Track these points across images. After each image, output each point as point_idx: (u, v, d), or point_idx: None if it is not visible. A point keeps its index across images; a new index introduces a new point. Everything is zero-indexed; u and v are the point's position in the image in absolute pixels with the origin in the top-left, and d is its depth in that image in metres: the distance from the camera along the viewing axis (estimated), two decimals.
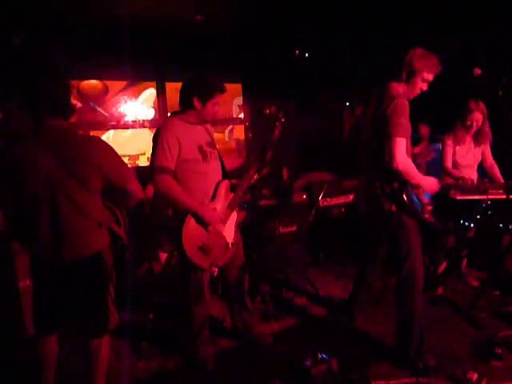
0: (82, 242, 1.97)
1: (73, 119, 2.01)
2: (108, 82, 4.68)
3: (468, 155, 3.46)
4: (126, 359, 2.70)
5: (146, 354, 2.75)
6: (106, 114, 4.69)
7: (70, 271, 1.98)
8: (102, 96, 4.64)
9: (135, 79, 4.82)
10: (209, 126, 2.59)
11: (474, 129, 3.39)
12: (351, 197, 4.33)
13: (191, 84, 2.41)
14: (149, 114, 4.94)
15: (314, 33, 4.63)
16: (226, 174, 2.58)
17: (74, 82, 4.37)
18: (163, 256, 3.47)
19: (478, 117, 3.34)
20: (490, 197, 3.12)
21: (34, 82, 1.89)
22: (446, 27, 4.02)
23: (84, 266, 1.99)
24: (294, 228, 4.35)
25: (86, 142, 1.97)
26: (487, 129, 3.40)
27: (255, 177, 3.31)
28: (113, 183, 2.02)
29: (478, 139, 3.45)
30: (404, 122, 2.29)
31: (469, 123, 3.37)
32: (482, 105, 3.33)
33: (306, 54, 5.31)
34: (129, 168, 2.14)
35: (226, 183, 2.53)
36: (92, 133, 4.58)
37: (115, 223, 2.11)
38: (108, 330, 2.13)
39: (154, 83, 4.93)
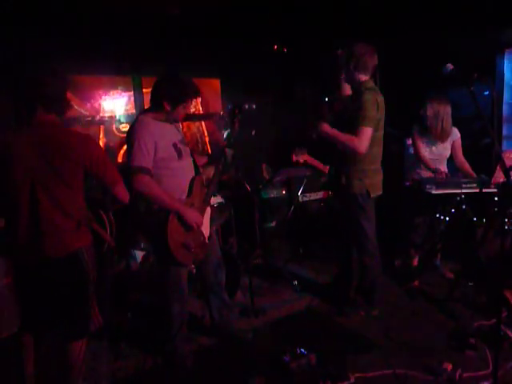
0: (61, 239, 1.94)
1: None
2: (82, 77, 4.56)
3: (433, 150, 3.49)
4: (103, 359, 2.65)
5: (123, 353, 2.71)
6: (82, 110, 4.58)
7: (48, 269, 1.95)
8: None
9: (111, 74, 4.73)
10: (177, 123, 2.58)
11: (430, 121, 3.40)
12: (330, 192, 4.36)
13: (162, 87, 2.36)
14: (125, 109, 4.86)
15: (290, 28, 4.63)
16: (197, 170, 2.58)
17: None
18: (140, 254, 3.42)
19: (430, 110, 3.38)
20: (463, 191, 3.19)
21: (33, 78, 1.88)
22: (418, 24, 4.08)
23: (62, 264, 1.96)
24: (274, 223, 4.37)
25: (73, 138, 1.95)
26: (444, 125, 3.40)
27: (230, 173, 3.32)
28: (99, 183, 2.03)
29: (436, 134, 3.46)
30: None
31: (421, 113, 3.42)
32: (436, 100, 3.38)
33: (285, 50, 5.30)
34: (116, 170, 2.10)
35: (199, 179, 2.53)
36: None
37: (100, 226, 2.08)
38: (90, 332, 2.11)
39: (130, 78, 4.84)
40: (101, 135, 4.72)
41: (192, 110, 5.12)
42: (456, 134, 3.51)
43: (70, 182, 1.93)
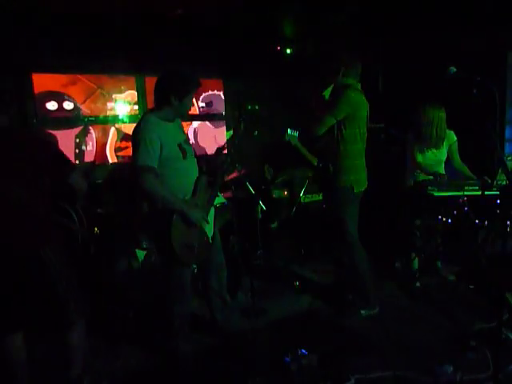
0: (24, 240, 1.96)
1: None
2: (85, 77, 4.58)
3: (429, 155, 3.47)
4: (105, 358, 2.67)
5: (124, 353, 2.72)
6: (82, 109, 4.59)
7: (15, 268, 1.97)
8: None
9: (114, 74, 4.74)
10: (180, 123, 2.59)
11: (424, 127, 3.38)
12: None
13: (166, 81, 2.38)
14: (129, 108, 4.87)
15: (291, 29, 4.65)
16: (201, 171, 2.60)
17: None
18: (142, 254, 3.43)
19: (423, 117, 3.36)
20: (466, 193, 3.19)
21: None
22: (419, 24, 4.07)
23: (28, 263, 1.98)
24: (276, 224, 4.37)
25: (22, 138, 1.98)
26: (438, 131, 3.38)
27: (233, 174, 3.34)
28: (54, 177, 2.04)
29: (431, 142, 3.43)
30: None
31: (415, 119, 3.41)
32: (431, 106, 3.36)
33: (288, 51, 5.30)
34: (68, 161, 2.13)
35: (204, 179, 2.53)
36: (66, 130, 4.47)
37: (69, 221, 2.10)
38: (74, 322, 2.12)
39: (134, 78, 4.85)
40: (104, 135, 4.73)
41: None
42: (452, 137, 3.50)
43: (27, 181, 1.94)
